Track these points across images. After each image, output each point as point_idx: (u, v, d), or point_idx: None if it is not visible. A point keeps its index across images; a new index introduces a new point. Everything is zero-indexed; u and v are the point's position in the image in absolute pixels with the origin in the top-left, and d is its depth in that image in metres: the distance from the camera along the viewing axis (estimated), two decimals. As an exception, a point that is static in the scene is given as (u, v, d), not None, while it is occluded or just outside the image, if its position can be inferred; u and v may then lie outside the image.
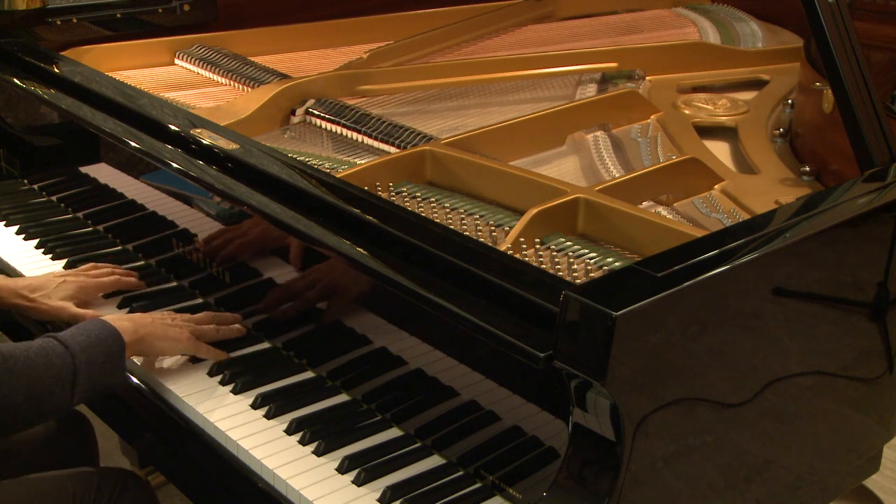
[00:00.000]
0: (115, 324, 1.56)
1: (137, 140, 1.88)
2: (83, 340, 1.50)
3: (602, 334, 1.17)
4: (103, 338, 1.52)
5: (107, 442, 2.07)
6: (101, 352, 1.51)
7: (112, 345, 1.53)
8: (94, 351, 1.50)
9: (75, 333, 1.52)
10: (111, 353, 1.52)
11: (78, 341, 1.50)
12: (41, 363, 1.44)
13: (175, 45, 2.45)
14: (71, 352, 1.47)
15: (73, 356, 1.47)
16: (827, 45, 1.63)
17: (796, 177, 1.85)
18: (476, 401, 1.45)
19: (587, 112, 2.07)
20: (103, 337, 1.52)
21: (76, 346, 1.48)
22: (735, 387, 1.38)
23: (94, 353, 1.50)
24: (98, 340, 1.51)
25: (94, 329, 1.53)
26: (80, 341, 1.50)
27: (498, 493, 1.41)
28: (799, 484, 1.59)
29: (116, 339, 1.54)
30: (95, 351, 1.50)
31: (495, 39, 2.62)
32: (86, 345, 1.50)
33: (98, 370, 1.50)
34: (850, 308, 1.56)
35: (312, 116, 2.09)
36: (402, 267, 1.45)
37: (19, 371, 1.42)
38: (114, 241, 2.09)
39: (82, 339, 1.51)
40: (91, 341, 1.51)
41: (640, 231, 1.58)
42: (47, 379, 1.44)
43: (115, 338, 1.54)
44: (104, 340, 1.52)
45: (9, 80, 2.20)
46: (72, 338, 1.50)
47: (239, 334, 1.72)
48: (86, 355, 1.49)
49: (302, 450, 1.49)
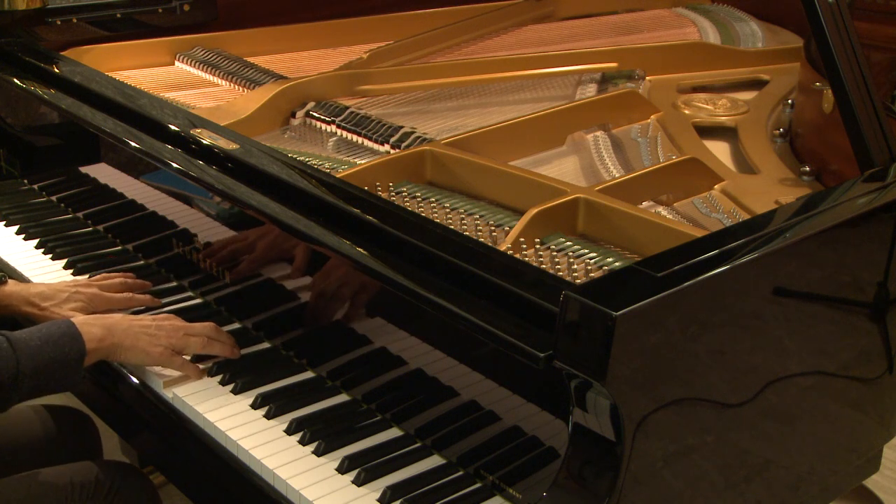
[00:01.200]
0: (83, 328, 1.52)
1: (137, 140, 1.88)
2: (36, 345, 1.46)
3: (602, 334, 1.17)
4: (62, 344, 1.48)
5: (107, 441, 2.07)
6: (52, 358, 1.47)
7: (69, 351, 1.49)
8: (45, 356, 1.46)
9: (32, 334, 1.48)
10: (66, 361, 1.48)
11: (31, 345, 1.46)
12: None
13: (175, 45, 2.45)
14: (17, 356, 1.44)
15: (17, 361, 1.43)
16: (827, 45, 1.63)
17: (796, 177, 1.85)
18: (476, 401, 1.45)
19: (587, 112, 2.07)
20: (62, 343, 1.48)
21: (25, 351, 1.45)
22: (735, 387, 1.38)
23: (44, 359, 1.46)
24: (54, 346, 1.47)
25: (55, 332, 1.50)
26: (33, 345, 1.46)
27: (498, 493, 1.41)
28: (799, 484, 1.59)
29: (76, 344, 1.50)
30: (47, 357, 1.46)
31: (495, 39, 2.62)
32: (37, 350, 1.46)
33: (45, 377, 1.46)
34: (850, 308, 1.56)
35: (312, 119, 2.10)
36: (402, 267, 1.45)
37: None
38: (114, 241, 2.09)
39: (37, 341, 1.47)
40: (45, 346, 1.47)
41: (640, 231, 1.58)
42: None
43: (74, 342, 1.49)
44: (61, 346, 1.48)
45: (9, 80, 2.20)
46: (25, 339, 1.46)
47: (232, 356, 1.66)
48: (33, 362, 1.45)
49: (302, 450, 1.49)
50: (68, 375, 1.50)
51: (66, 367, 1.49)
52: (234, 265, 1.80)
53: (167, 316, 1.68)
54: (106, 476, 1.64)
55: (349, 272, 1.59)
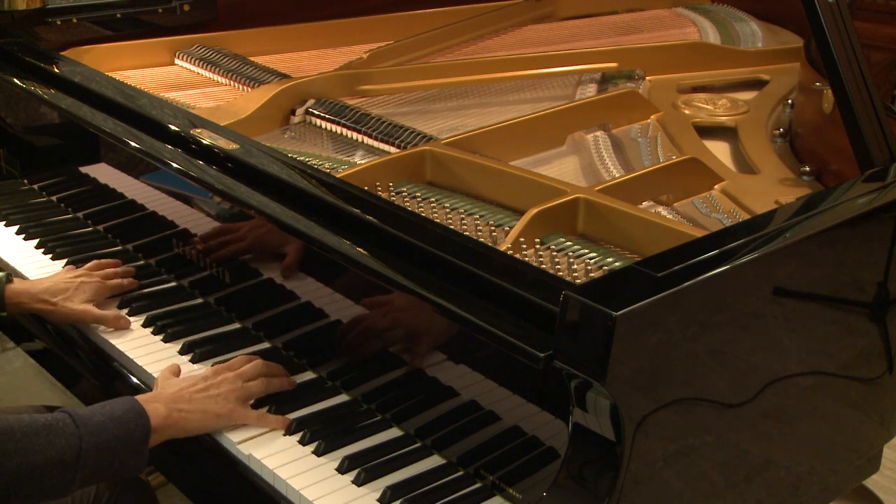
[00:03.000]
0: (148, 406, 1.44)
1: (137, 140, 1.88)
2: (100, 421, 1.38)
3: (602, 334, 1.17)
4: (125, 420, 1.40)
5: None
6: (116, 437, 1.38)
7: (134, 430, 1.40)
8: (109, 435, 1.38)
9: (94, 411, 1.40)
10: (130, 440, 1.40)
11: (94, 421, 1.38)
12: (41, 443, 1.33)
13: (175, 45, 2.45)
14: (80, 433, 1.35)
15: (80, 438, 1.35)
16: (827, 45, 1.63)
17: (796, 177, 1.85)
18: (476, 401, 1.45)
19: (587, 112, 2.07)
20: (125, 420, 1.40)
21: (88, 427, 1.36)
22: (735, 387, 1.38)
23: (108, 438, 1.38)
24: (118, 423, 1.39)
25: (118, 409, 1.42)
26: (96, 422, 1.38)
27: (498, 493, 1.41)
28: (799, 484, 1.59)
29: (141, 422, 1.41)
30: (111, 435, 1.38)
31: (495, 39, 2.62)
32: (101, 427, 1.38)
33: (109, 457, 1.38)
34: (850, 308, 1.56)
35: (312, 116, 2.10)
36: (402, 267, 1.45)
37: (10, 450, 1.31)
38: (114, 241, 2.09)
39: (100, 418, 1.39)
40: (108, 423, 1.39)
41: (640, 231, 1.58)
42: (44, 461, 1.33)
43: (139, 420, 1.41)
44: (125, 423, 1.40)
45: (9, 80, 2.20)
46: (88, 416, 1.38)
47: (289, 387, 1.61)
48: (96, 439, 1.36)
49: (302, 450, 1.49)
50: (132, 456, 1.41)
51: (129, 445, 1.40)
52: (222, 254, 1.80)
53: (214, 369, 1.59)
54: (105, 483, 1.63)
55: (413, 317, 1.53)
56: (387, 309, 1.54)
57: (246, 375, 1.57)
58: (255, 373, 1.58)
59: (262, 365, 1.60)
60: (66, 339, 1.86)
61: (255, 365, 1.59)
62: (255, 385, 1.56)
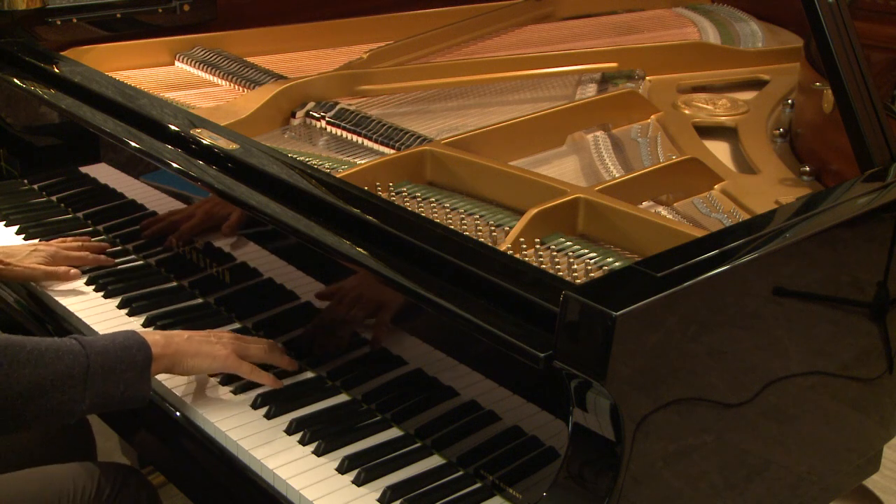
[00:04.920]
0: (146, 335, 1.50)
1: (137, 140, 1.88)
2: (104, 344, 1.44)
3: (602, 334, 1.17)
4: (128, 346, 1.46)
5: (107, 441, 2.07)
6: (121, 358, 1.44)
7: (136, 354, 1.46)
8: (113, 356, 1.43)
9: (98, 338, 1.47)
10: (134, 363, 1.45)
11: (99, 344, 1.44)
12: (50, 356, 1.38)
13: (175, 45, 2.45)
14: (87, 352, 1.41)
15: (87, 356, 1.41)
16: (827, 45, 1.63)
17: (796, 177, 1.85)
18: (476, 401, 1.45)
19: (587, 112, 2.08)
20: (128, 345, 1.46)
21: (94, 348, 1.42)
22: (735, 387, 1.38)
23: (112, 359, 1.43)
24: (121, 348, 1.45)
25: (119, 336, 1.48)
26: (101, 345, 1.44)
27: (498, 493, 1.41)
28: (799, 484, 1.59)
29: (142, 349, 1.47)
30: (115, 356, 1.44)
31: (495, 39, 2.63)
32: (105, 349, 1.43)
33: (115, 378, 1.43)
34: (850, 308, 1.56)
35: (312, 119, 2.10)
36: (402, 267, 1.45)
37: (22, 360, 1.36)
38: (114, 240, 2.09)
39: (103, 342, 1.45)
40: (112, 347, 1.44)
41: (640, 231, 1.58)
42: (53, 374, 1.38)
43: (140, 347, 1.47)
44: (128, 349, 1.46)
45: (9, 80, 2.20)
46: (92, 340, 1.44)
47: (290, 368, 1.64)
48: (102, 358, 1.42)
49: (302, 450, 1.49)
50: (138, 381, 1.46)
51: (133, 370, 1.45)
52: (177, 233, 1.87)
53: (211, 331, 1.64)
54: (107, 479, 1.64)
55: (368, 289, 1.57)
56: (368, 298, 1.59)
57: (250, 341, 1.63)
58: (259, 342, 1.63)
59: (269, 342, 1.65)
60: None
61: (259, 339, 1.65)
62: (255, 348, 1.61)
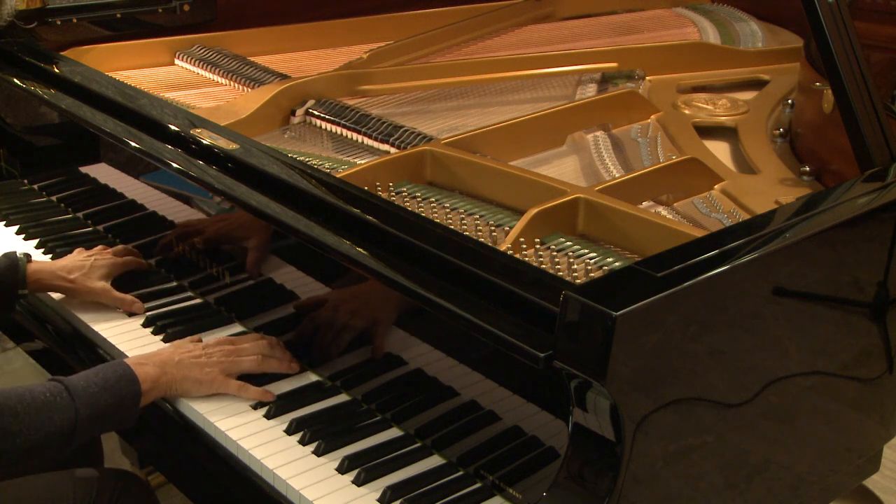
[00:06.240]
0: (138, 370, 1.53)
1: (137, 140, 1.88)
2: (94, 392, 1.47)
3: (602, 334, 1.17)
4: (118, 388, 1.49)
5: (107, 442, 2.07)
6: (109, 404, 1.48)
7: (126, 396, 1.50)
8: (102, 403, 1.47)
9: (89, 381, 1.48)
10: (122, 405, 1.49)
11: (89, 391, 1.46)
12: (42, 420, 1.41)
13: (175, 45, 2.45)
14: (76, 405, 1.44)
15: (76, 410, 1.44)
16: (827, 45, 1.62)
17: (796, 177, 1.85)
18: (476, 401, 1.45)
19: (587, 112, 2.07)
20: (119, 387, 1.49)
21: (83, 398, 1.45)
22: (735, 387, 1.38)
23: (102, 406, 1.47)
24: (112, 393, 1.48)
25: (111, 376, 1.50)
26: (91, 392, 1.46)
27: (498, 493, 1.41)
28: (799, 484, 1.59)
29: (132, 386, 1.50)
30: (104, 403, 1.47)
31: (495, 39, 2.62)
32: (95, 397, 1.46)
33: (102, 422, 1.48)
34: (850, 308, 1.56)
35: (312, 117, 2.10)
36: (402, 267, 1.45)
37: (14, 430, 1.40)
38: (114, 241, 2.09)
39: (94, 388, 1.47)
40: (103, 393, 1.47)
41: (640, 231, 1.58)
42: (45, 436, 1.42)
43: (131, 386, 1.50)
44: (118, 392, 1.49)
45: (9, 80, 2.20)
46: (83, 388, 1.46)
47: (290, 370, 1.65)
48: (91, 409, 1.45)
49: (302, 450, 1.49)
50: (124, 418, 1.51)
51: (122, 410, 1.50)
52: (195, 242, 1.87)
53: (219, 339, 1.66)
54: (107, 485, 1.64)
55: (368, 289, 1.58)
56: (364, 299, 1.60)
57: (243, 352, 1.62)
58: (253, 350, 1.63)
59: (265, 345, 1.65)
60: (66, 339, 1.86)
61: (256, 344, 1.65)
62: (248, 361, 1.62)
